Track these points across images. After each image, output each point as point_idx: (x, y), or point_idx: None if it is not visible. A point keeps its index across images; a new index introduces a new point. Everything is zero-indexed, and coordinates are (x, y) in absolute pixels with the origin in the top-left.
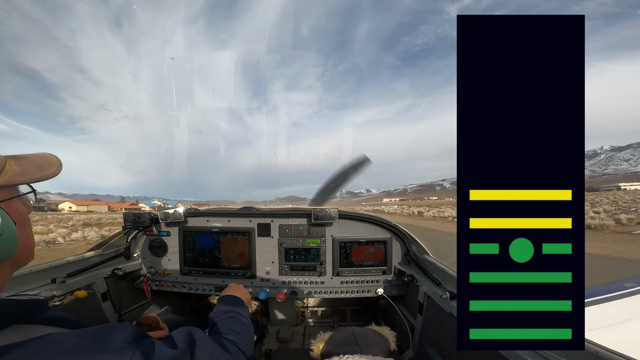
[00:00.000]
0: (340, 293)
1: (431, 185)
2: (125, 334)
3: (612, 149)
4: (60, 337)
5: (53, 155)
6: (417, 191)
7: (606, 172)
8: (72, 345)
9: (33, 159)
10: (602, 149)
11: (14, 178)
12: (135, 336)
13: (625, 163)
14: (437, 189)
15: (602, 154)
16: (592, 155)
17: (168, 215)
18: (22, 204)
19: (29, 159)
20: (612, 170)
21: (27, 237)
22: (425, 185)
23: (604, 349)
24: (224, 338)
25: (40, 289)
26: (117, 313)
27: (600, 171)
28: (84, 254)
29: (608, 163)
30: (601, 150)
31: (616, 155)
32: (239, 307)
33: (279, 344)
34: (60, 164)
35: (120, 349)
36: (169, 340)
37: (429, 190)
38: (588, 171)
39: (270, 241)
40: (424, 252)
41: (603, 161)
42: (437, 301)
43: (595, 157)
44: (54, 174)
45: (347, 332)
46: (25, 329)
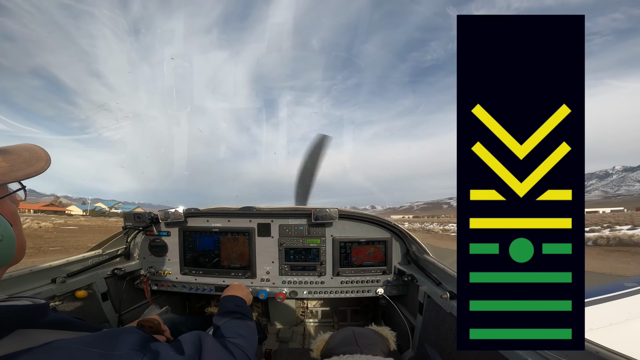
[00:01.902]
0: (340, 293)
1: (438, 204)
2: (132, 340)
3: (624, 169)
4: (67, 345)
5: (40, 147)
6: (423, 209)
7: (619, 192)
8: (78, 353)
9: (20, 153)
10: (615, 169)
11: (3, 177)
12: (142, 342)
13: (638, 184)
14: (444, 207)
15: (615, 175)
16: (604, 175)
17: (168, 215)
18: (12, 201)
19: (15, 154)
20: (625, 192)
21: (20, 236)
22: (431, 203)
23: (604, 349)
24: (230, 342)
25: (40, 288)
26: (117, 313)
27: (612, 192)
28: (84, 254)
29: (620, 184)
30: (613, 170)
31: (628, 175)
32: (243, 308)
33: (279, 344)
34: (49, 157)
35: (127, 356)
36: (177, 345)
37: (436, 208)
38: (600, 192)
39: (270, 241)
40: (424, 252)
41: (615, 182)
42: (437, 301)
43: (608, 177)
44: (43, 168)
45: (347, 332)
46: (29, 334)
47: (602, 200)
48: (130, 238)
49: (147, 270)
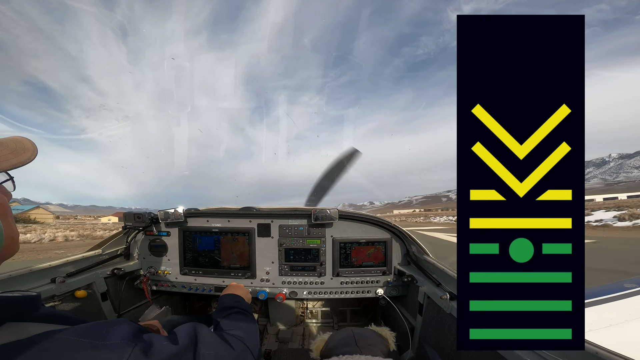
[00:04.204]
0: (340, 293)
1: (437, 197)
2: (124, 330)
3: (620, 156)
4: (57, 335)
5: (27, 139)
6: (422, 203)
7: (618, 179)
8: (69, 343)
9: (6, 144)
10: (611, 156)
11: None
12: (134, 332)
13: (636, 170)
14: (444, 200)
15: (612, 162)
16: (601, 163)
17: (168, 215)
18: (2, 193)
19: (2, 145)
20: (624, 178)
21: (10, 228)
22: (431, 197)
23: (603, 350)
24: (228, 334)
25: (39, 288)
26: (116, 313)
27: (612, 179)
28: (83, 253)
29: (619, 171)
30: (610, 158)
31: (626, 162)
32: (242, 303)
33: (279, 344)
34: (36, 148)
35: (118, 346)
36: (172, 336)
37: (435, 201)
38: (599, 179)
39: (270, 241)
40: (423, 253)
41: (613, 169)
42: (437, 302)
43: (605, 165)
44: (30, 159)
45: (347, 333)
46: (19, 327)
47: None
48: (130, 238)
49: (146, 270)
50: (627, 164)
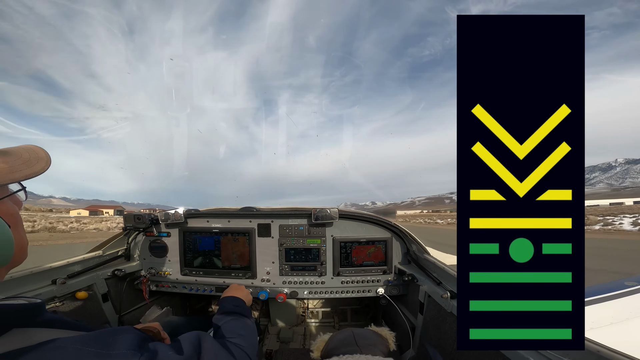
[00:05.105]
0: (341, 293)
1: (440, 198)
2: (129, 339)
3: (626, 161)
4: (64, 344)
5: (40, 148)
6: (425, 204)
7: (624, 185)
8: (75, 352)
9: (20, 154)
10: (617, 161)
11: (2, 177)
12: (140, 341)
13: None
14: (447, 201)
15: (618, 167)
16: (607, 168)
17: (168, 216)
18: (13, 203)
19: (15, 155)
20: (630, 184)
21: (20, 237)
22: (433, 198)
23: (604, 348)
24: (229, 342)
25: (40, 290)
26: (117, 314)
27: (618, 184)
28: (84, 255)
29: (625, 176)
30: (616, 163)
31: (632, 168)
32: (242, 308)
33: (280, 344)
34: (49, 158)
35: (124, 356)
36: (176, 345)
37: (438, 203)
38: (605, 184)
39: (271, 241)
40: (424, 252)
41: (619, 174)
42: (438, 300)
43: (611, 170)
44: (43, 169)
45: (347, 333)
46: (25, 333)
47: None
48: (130, 239)
49: (147, 271)
50: (634, 169)
